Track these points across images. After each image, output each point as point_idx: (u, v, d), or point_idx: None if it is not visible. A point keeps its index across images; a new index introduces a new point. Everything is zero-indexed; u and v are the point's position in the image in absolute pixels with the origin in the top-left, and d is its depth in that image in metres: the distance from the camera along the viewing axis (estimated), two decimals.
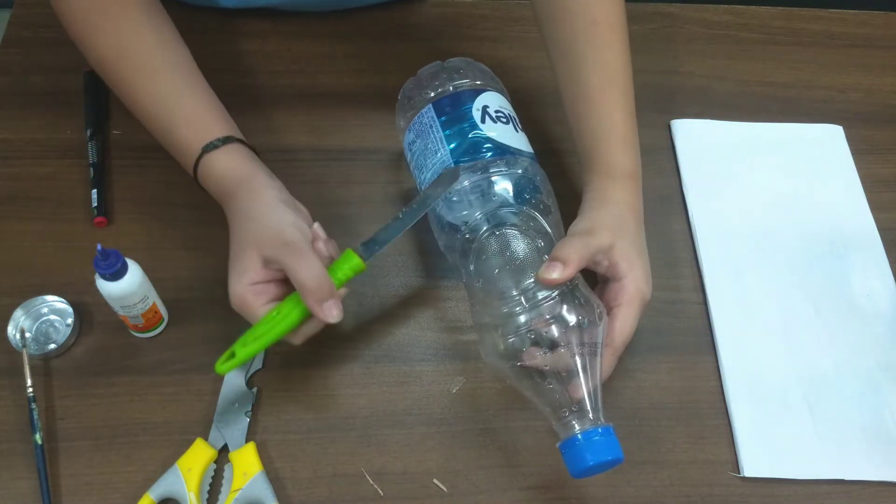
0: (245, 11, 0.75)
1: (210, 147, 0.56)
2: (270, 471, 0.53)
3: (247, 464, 0.52)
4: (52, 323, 0.57)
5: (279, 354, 0.58)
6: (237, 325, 0.58)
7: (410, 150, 0.60)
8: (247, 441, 0.54)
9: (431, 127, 0.58)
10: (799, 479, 0.55)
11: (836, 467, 0.56)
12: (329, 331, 0.59)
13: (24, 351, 0.55)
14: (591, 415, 0.48)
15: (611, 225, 0.54)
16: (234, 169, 0.56)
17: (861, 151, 0.72)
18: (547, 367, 0.49)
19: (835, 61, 0.79)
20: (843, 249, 0.66)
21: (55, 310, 0.58)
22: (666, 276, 0.64)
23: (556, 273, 0.50)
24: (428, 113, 0.58)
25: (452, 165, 0.56)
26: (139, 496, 0.50)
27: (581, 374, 0.48)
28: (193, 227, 0.63)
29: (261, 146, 0.67)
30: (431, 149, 0.58)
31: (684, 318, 0.62)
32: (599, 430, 0.47)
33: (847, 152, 0.72)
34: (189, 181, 0.65)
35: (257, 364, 0.57)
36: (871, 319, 0.63)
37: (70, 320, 0.57)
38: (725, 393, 0.58)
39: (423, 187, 0.58)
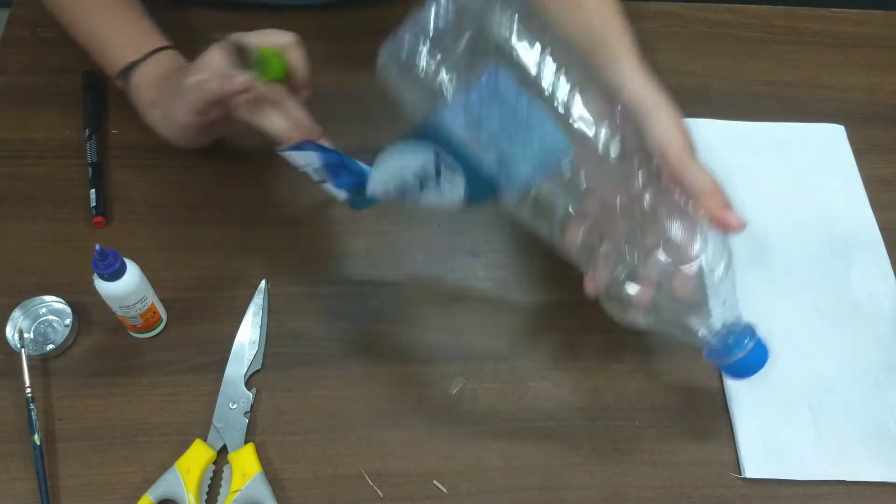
0: (244, 10, 0.75)
1: (135, 64, 0.61)
2: (269, 472, 0.53)
3: (246, 465, 0.52)
4: (50, 323, 0.57)
5: (279, 355, 0.58)
6: (236, 325, 0.58)
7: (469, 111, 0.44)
8: (246, 442, 0.53)
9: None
10: (800, 480, 0.55)
11: (837, 468, 0.56)
12: (329, 331, 0.59)
13: (23, 351, 0.54)
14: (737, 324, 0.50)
15: (669, 113, 0.53)
16: (164, 66, 0.61)
17: (862, 151, 0.72)
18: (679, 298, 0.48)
19: (836, 60, 0.79)
20: (844, 249, 0.66)
21: (53, 310, 0.57)
22: None
23: (731, 219, 0.51)
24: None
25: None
26: (138, 497, 0.50)
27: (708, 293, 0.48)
28: (193, 227, 0.63)
29: (260, 146, 0.67)
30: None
31: None
32: (750, 345, 0.49)
33: (848, 152, 0.72)
34: (189, 181, 0.65)
35: (256, 364, 0.57)
36: (872, 320, 0.63)
37: (68, 321, 0.57)
38: (726, 393, 0.58)
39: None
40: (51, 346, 0.56)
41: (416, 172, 0.47)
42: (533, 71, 0.44)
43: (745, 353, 0.49)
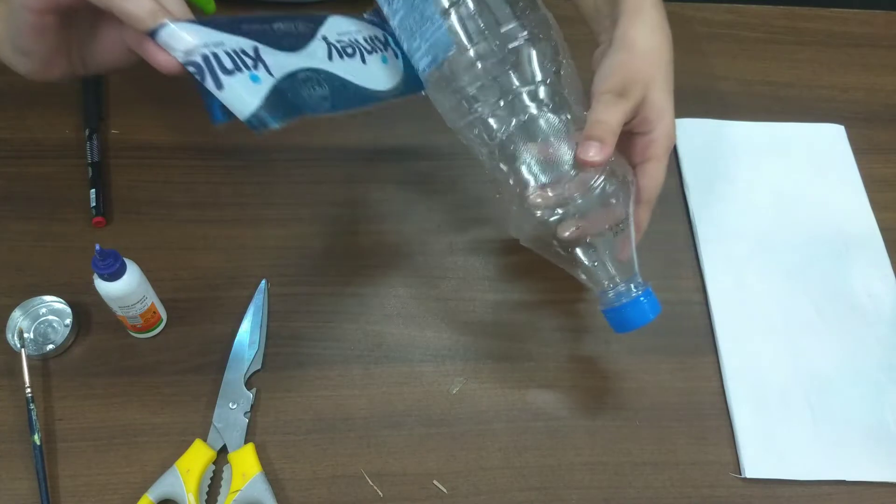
0: (244, 10, 0.75)
1: None
2: (269, 472, 0.53)
3: (246, 465, 0.52)
4: (50, 323, 0.57)
5: (279, 355, 0.58)
6: (236, 325, 0.58)
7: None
8: (246, 442, 0.53)
9: None
10: (800, 480, 0.55)
11: (837, 468, 0.56)
12: (329, 331, 0.59)
13: (23, 351, 0.54)
14: (632, 280, 0.50)
15: (643, 74, 0.49)
16: None
17: (863, 151, 0.72)
18: (585, 241, 0.49)
19: (836, 61, 0.79)
20: (844, 249, 0.66)
21: (53, 310, 0.57)
22: (667, 277, 0.64)
23: (592, 153, 0.46)
24: None
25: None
26: (138, 497, 0.50)
27: (615, 244, 0.49)
28: (193, 227, 0.63)
29: (260, 146, 0.67)
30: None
31: (685, 318, 0.62)
32: (642, 296, 0.50)
33: (848, 152, 0.72)
34: (189, 181, 0.65)
35: (256, 365, 0.57)
36: (872, 320, 0.63)
37: (68, 321, 0.57)
38: (727, 393, 0.58)
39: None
40: (51, 346, 0.56)
41: (368, 38, 0.50)
42: None
43: (630, 300, 0.50)
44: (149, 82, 0.71)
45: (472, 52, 0.48)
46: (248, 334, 0.57)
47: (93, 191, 0.63)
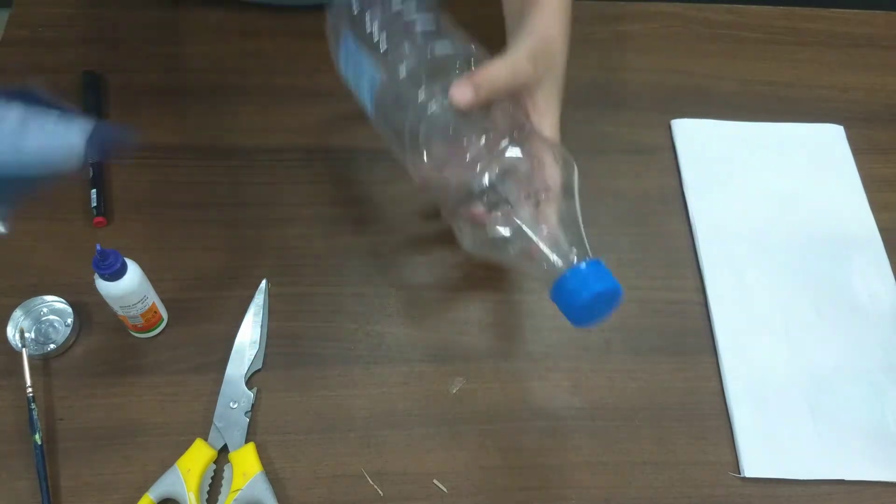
0: (244, 10, 0.75)
1: None
2: (270, 471, 0.53)
3: (246, 464, 0.52)
4: (51, 323, 0.57)
5: (279, 355, 0.58)
6: (236, 325, 0.58)
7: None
8: (246, 441, 0.54)
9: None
10: (800, 480, 0.55)
11: (837, 468, 0.56)
12: (329, 331, 0.59)
13: (24, 351, 0.54)
14: (571, 253, 0.45)
15: (540, 56, 0.49)
16: None
17: (862, 151, 0.72)
18: (511, 218, 0.46)
19: (836, 61, 0.79)
20: (843, 249, 0.66)
21: (54, 310, 0.57)
22: (666, 276, 0.64)
23: (462, 93, 0.45)
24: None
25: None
26: (139, 497, 0.50)
27: (545, 217, 0.46)
28: (193, 227, 0.63)
29: (260, 146, 0.67)
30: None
31: (685, 318, 0.62)
32: (583, 264, 0.44)
33: (848, 152, 0.72)
34: (189, 181, 0.65)
35: (257, 364, 0.57)
36: (871, 319, 0.63)
37: (69, 320, 0.57)
38: (726, 393, 0.58)
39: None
40: (52, 346, 0.56)
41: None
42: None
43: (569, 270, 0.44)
44: (149, 82, 0.71)
45: (398, 73, 0.49)
46: (248, 334, 0.57)
47: (93, 191, 0.63)
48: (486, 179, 0.46)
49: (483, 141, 0.47)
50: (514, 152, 0.47)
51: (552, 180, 0.47)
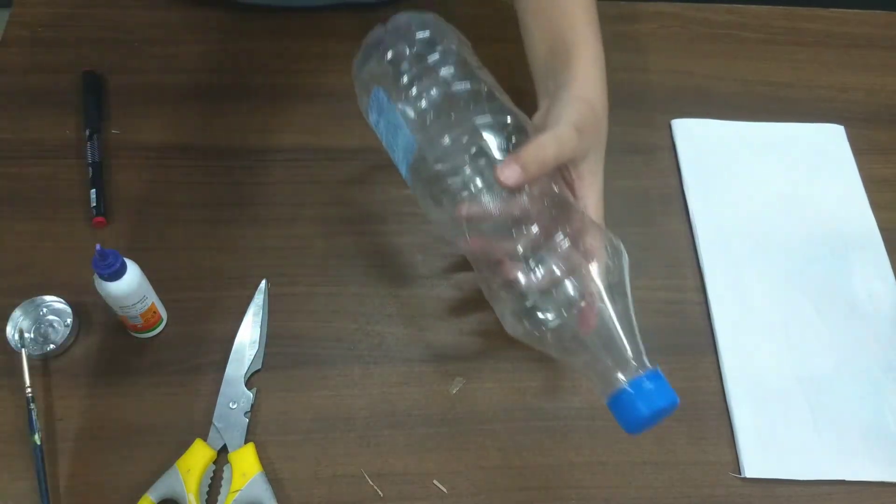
0: (245, 11, 0.75)
1: None
2: (270, 471, 0.53)
3: (246, 464, 0.52)
4: (50, 323, 0.57)
5: (279, 355, 0.58)
6: (236, 325, 0.58)
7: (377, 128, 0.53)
8: (246, 442, 0.54)
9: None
10: (800, 480, 0.55)
11: (837, 468, 0.56)
12: (329, 331, 0.59)
13: (23, 351, 0.54)
14: (632, 362, 0.43)
15: (586, 126, 0.47)
16: None
17: (862, 151, 0.72)
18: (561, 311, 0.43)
19: (836, 61, 0.79)
20: (844, 249, 0.66)
21: (54, 310, 0.57)
22: (666, 276, 0.64)
23: (510, 174, 0.42)
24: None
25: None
26: (138, 497, 0.50)
27: (611, 323, 0.43)
28: (193, 226, 0.63)
29: (260, 146, 0.67)
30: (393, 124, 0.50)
31: (685, 318, 0.62)
32: (645, 376, 0.42)
33: (848, 152, 0.72)
34: (189, 181, 0.65)
35: (256, 364, 0.57)
36: (871, 319, 0.63)
37: (69, 320, 0.57)
38: (726, 393, 0.58)
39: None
40: (51, 346, 0.56)
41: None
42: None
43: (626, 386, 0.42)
44: (149, 82, 0.71)
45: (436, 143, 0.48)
46: (248, 334, 0.57)
47: (93, 191, 0.63)
48: (534, 274, 0.44)
49: (533, 230, 0.45)
50: (563, 246, 0.44)
51: (601, 275, 0.44)
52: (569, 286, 0.44)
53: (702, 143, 0.72)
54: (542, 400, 0.57)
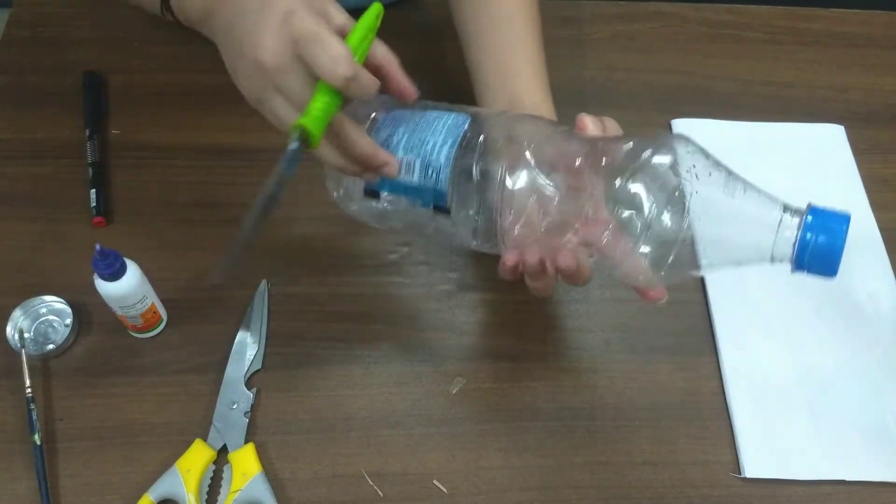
0: None
1: None
2: (270, 472, 0.53)
3: (246, 464, 0.52)
4: (50, 323, 0.57)
5: (279, 355, 0.58)
6: (236, 325, 0.58)
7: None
8: (246, 442, 0.53)
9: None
10: (800, 480, 0.55)
11: (837, 468, 0.56)
12: (329, 331, 0.59)
13: (23, 351, 0.54)
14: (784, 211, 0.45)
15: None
16: None
17: (862, 151, 0.72)
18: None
19: (836, 61, 0.79)
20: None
21: (54, 310, 0.57)
22: None
23: (592, 126, 0.47)
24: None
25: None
26: (138, 497, 0.50)
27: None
28: (193, 227, 0.63)
29: (260, 146, 0.67)
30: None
31: (685, 318, 0.62)
32: (808, 216, 0.44)
33: (848, 152, 0.72)
34: (189, 181, 0.65)
35: (256, 364, 0.57)
36: (872, 319, 0.63)
37: (69, 320, 0.57)
38: (726, 393, 0.58)
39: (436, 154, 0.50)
40: (51, 346, 0.56)
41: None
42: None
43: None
44: (149, 82, 0.71)
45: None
46: (248, 334, 0.57)
47: (93, 191, 0.63)
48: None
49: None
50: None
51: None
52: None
53: (702, 143, 0.71)
54: (542, 400, 0.57)
